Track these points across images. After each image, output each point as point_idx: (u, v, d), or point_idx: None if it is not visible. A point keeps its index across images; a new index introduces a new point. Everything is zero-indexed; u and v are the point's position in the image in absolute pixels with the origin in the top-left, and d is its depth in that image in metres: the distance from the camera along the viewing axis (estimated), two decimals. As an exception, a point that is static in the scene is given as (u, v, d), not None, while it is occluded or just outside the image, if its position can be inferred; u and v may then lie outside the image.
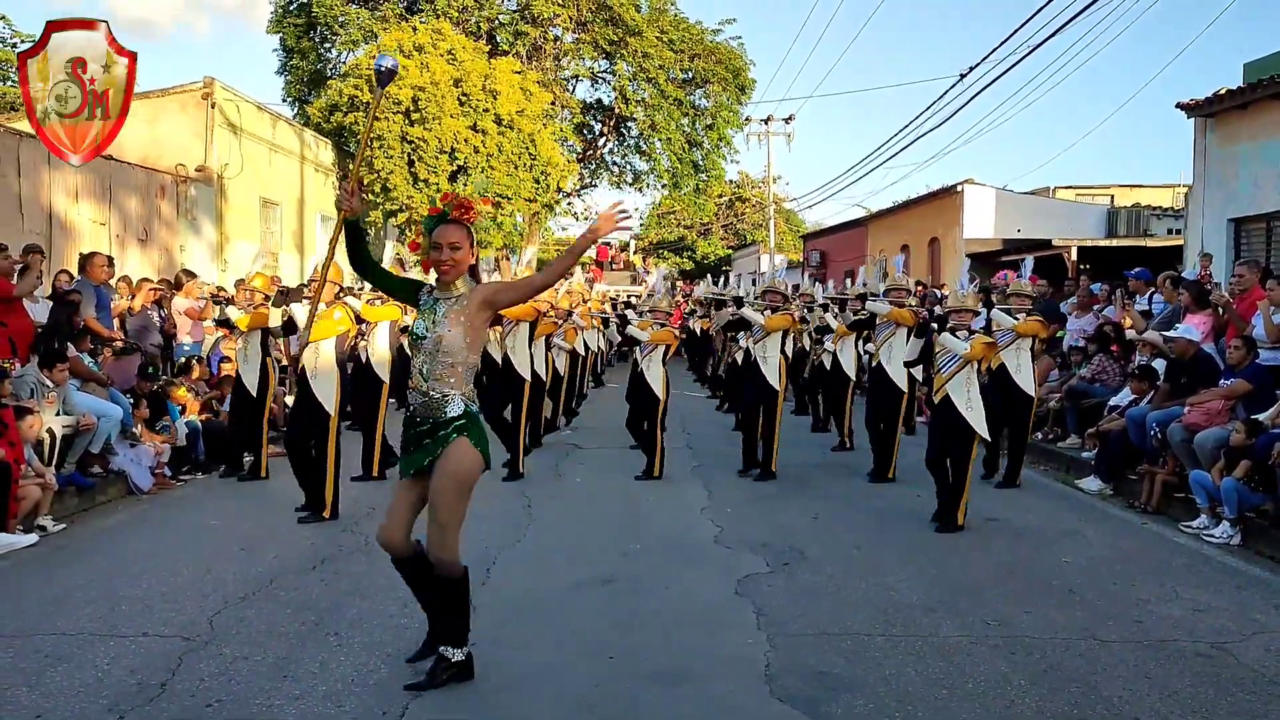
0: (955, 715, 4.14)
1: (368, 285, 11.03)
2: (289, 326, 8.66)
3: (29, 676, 4.47)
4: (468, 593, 4.46)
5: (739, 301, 10.49)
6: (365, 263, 4.57)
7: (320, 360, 7.77)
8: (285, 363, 9.45)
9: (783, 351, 9.72)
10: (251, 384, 9.09)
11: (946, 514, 7.61)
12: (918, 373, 9.62)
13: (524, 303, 5.17)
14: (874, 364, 9.88)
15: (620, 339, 18.38)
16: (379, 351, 9.60)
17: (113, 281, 11.09)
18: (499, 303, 4.46)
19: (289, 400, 9.69)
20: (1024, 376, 9.32)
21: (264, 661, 4.67)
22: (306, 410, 7.80)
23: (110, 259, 10.94)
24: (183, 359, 10.89)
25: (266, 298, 9.18)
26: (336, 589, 5.85)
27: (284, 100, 28.93)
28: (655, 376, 9.63)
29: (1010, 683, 4.50)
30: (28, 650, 4.81)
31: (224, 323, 9.72)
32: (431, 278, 4.50)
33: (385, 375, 9.59)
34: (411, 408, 4.35)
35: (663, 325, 9.91)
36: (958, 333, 7.86)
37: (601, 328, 18.01)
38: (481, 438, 4.36)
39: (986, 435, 7.85)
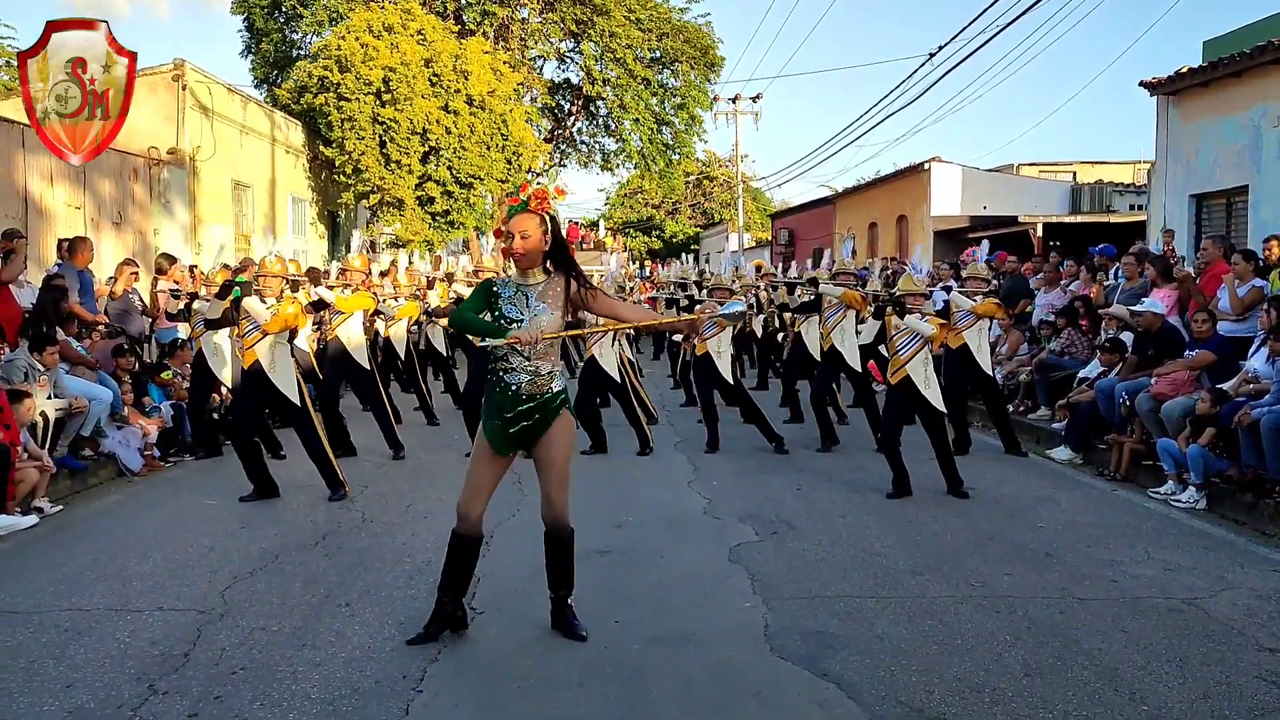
0: (947, 667, 4.39)
1: (333, 274, 11.09)
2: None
3: (53, 650, 4.60)
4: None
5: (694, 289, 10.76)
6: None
7: (278, 353, 7.75)
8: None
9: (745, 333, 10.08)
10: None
11: (951, 480, 7.95)
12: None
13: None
14: (827, 347, 10.21)
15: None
16: (355, 339, 9.79)
17: (93, 268, 11.08)
18: (587, 306, 4.68)
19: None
20: (984, 357, 9.62)
21: (281, 632, 4.83)
22: (263, 405, 7.92)
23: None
24: (167, 343, 10.91)
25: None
26: (341, 563, 6.00)
27: (251, 83, 28.71)
28: (608, 360, 9.83)
29: (996, 638, 4.76)
30: (47, 625, 4.94)
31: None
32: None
33: (366, 361, 9.83)
34: (515, 387, 4.50)
35: None
36: (915, 315, 8.10)
37: None
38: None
39: (943, 408, 8.12)
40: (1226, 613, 5.17)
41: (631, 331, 10.13)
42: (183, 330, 11.39)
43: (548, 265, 4.61)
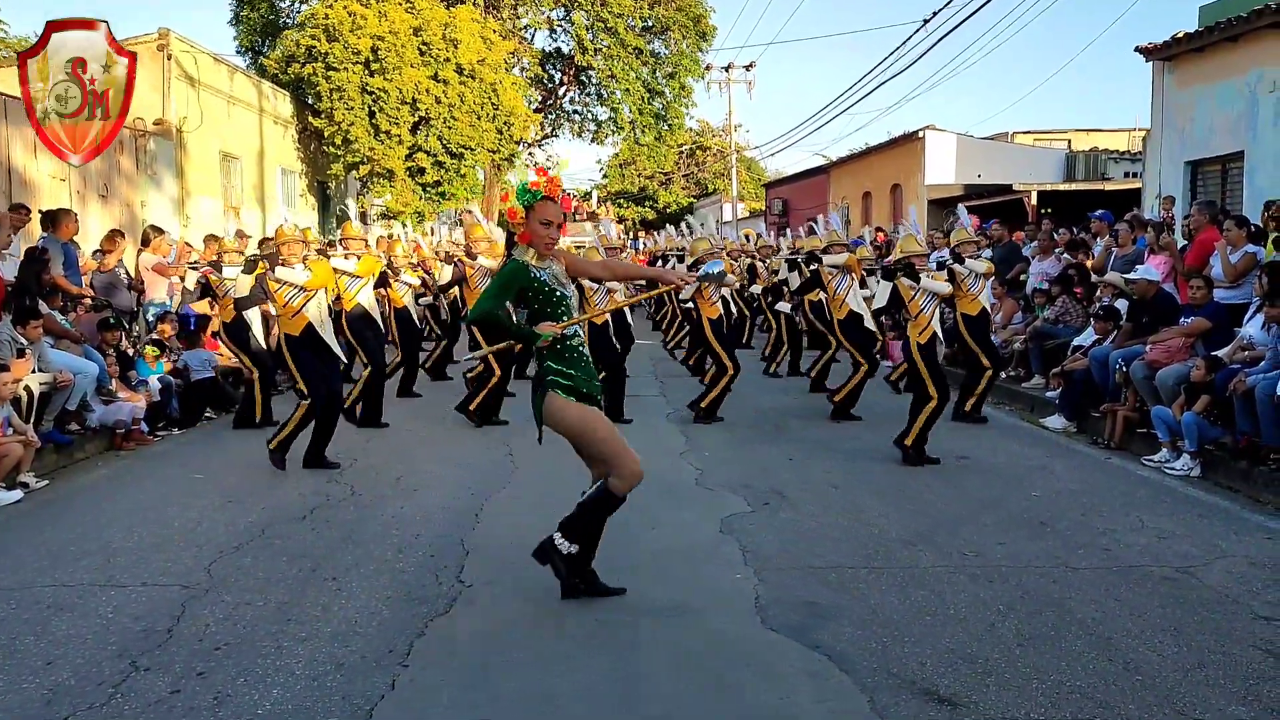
0: (939, 638, 4.34)
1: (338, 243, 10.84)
2: None
3: (34, 626, 4.54)
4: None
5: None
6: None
7: (323, 313, 8.00)
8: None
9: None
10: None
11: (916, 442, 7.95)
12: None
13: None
14: (844, 315, 10.13)
15: None
16: (372, 304, 9.84)
17: (81, 240, 10.97)
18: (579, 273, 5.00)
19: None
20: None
21: (266, 607, 4.77)
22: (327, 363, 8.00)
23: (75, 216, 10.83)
24: (154, 316, 10.79)
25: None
26: (329, 537, 5.93)
27: (237, 52, 28.40)
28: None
29: (989, 608, 4.71)
30: (28, 601, 4.87)
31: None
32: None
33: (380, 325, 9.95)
34: (586, 353, 4.70)
35: None
36: (926, 275, 8.09)
37: None
38: None
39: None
40: (1221, 581, 5.14)
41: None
42: (197, 308, 11.23)
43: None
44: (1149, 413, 8.21)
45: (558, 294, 4.58)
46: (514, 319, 4.81)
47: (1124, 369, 8.70)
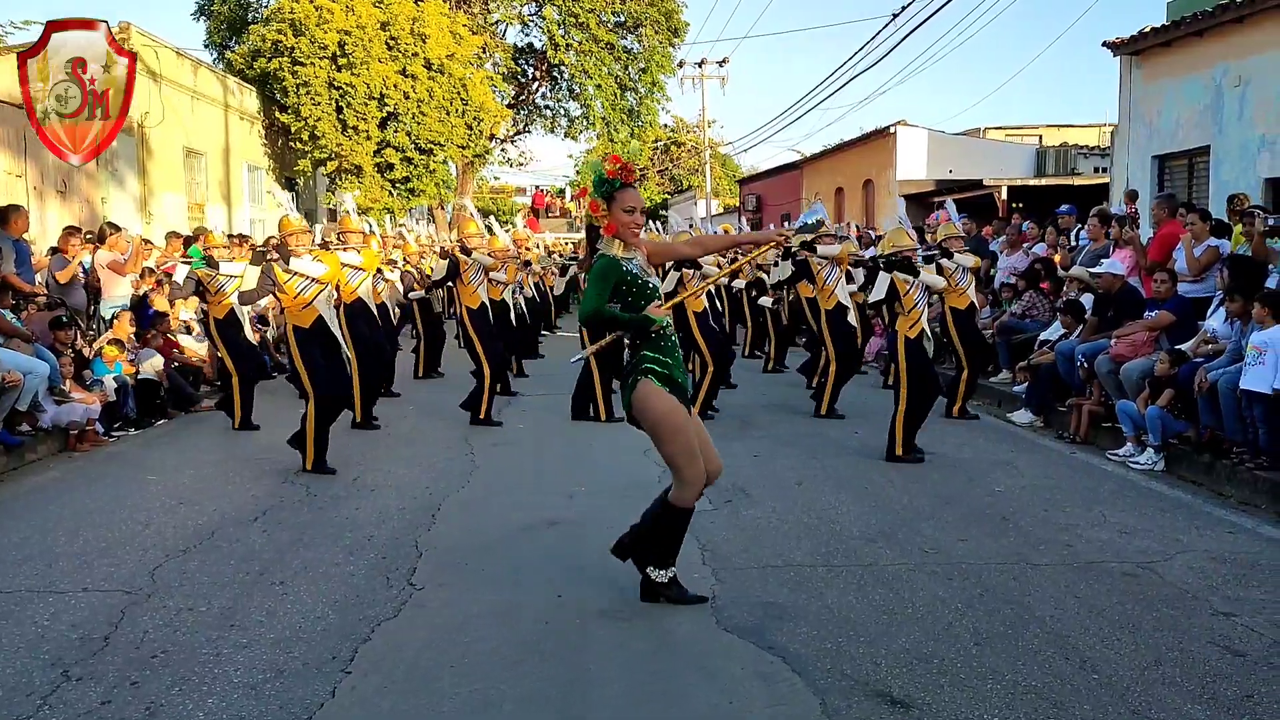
0: (896, 638, 4.27)
1: (333, 237, 10.67)
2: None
3: (-34, 635, 4.39)
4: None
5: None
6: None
7: (330, 307, 7.81)
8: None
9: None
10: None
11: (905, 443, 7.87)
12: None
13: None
14: (832, 306, 10.07)
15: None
16: (370, 297, 9.73)
17: (38, 238, 10.77)
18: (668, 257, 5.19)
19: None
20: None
21: (209, 612, 4.63)
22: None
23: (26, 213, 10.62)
24: (112, 314, 10.57)
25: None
26: (279, 539, 5.80)
27: (205, 46, 28.08)
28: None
29: (948, 606, 4.65)
30: (-37, 610, 4.72)
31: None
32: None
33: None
34: (675, 343, 4.55)
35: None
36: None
37: (559, 274, 18.41)
38: None
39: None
40: (1180, 576, 5.10)
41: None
42: (159, 305, 11.01)
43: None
44: (1114, 407, 8.19)
45: (650, 285, 4.49)
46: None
47: (1085, 364, 8.68)
